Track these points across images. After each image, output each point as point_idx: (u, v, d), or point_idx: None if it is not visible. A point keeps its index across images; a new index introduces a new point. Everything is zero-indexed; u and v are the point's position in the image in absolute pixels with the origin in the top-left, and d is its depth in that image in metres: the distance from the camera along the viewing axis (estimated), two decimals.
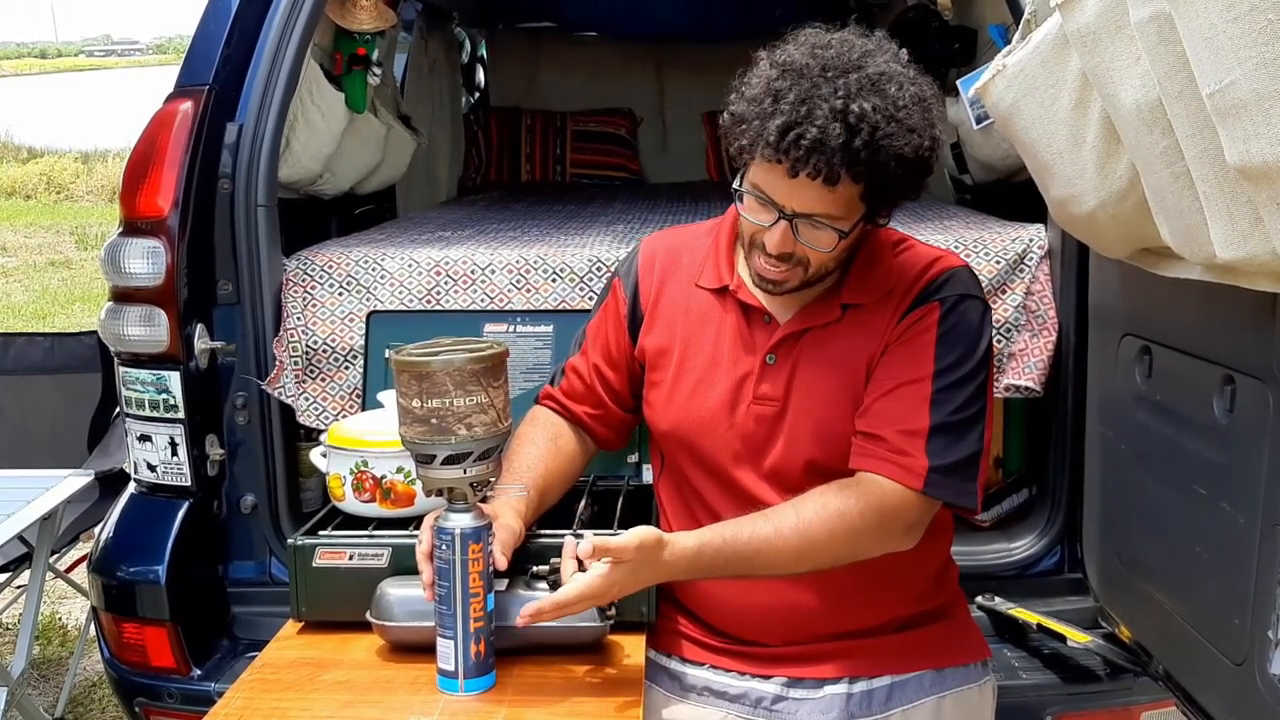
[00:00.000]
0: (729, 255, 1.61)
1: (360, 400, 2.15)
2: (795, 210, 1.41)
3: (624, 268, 1.72)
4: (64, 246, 10.84)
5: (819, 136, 1.33)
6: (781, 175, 1.38)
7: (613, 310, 1.69)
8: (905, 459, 1.44)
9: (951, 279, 1.52)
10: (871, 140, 1.34)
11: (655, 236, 1.75)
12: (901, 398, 1.47)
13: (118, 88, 36.90)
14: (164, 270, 2.00)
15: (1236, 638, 1.39)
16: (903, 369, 1.48)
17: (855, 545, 1.46)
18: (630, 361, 1.68)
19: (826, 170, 1.35)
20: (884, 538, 1.47)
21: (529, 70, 4.75)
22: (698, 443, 1.59)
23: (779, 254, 1.44)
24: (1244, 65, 0.98)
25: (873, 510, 1.44)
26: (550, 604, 1.36)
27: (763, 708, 1.58)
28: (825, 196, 1.39)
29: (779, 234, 1.42)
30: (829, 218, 1.41)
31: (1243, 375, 1.37)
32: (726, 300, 1.60)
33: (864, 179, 1.37)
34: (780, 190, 1.41)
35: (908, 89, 1.39)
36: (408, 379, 1.36)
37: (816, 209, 1.40)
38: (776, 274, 1.47)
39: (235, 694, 1.42)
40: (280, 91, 2.13)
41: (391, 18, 2.91)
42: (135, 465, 2.11)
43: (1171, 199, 1.24)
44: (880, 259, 1.56)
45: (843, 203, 1.40)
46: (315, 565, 1.58)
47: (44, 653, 3.33)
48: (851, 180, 1.37)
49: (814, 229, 1.42)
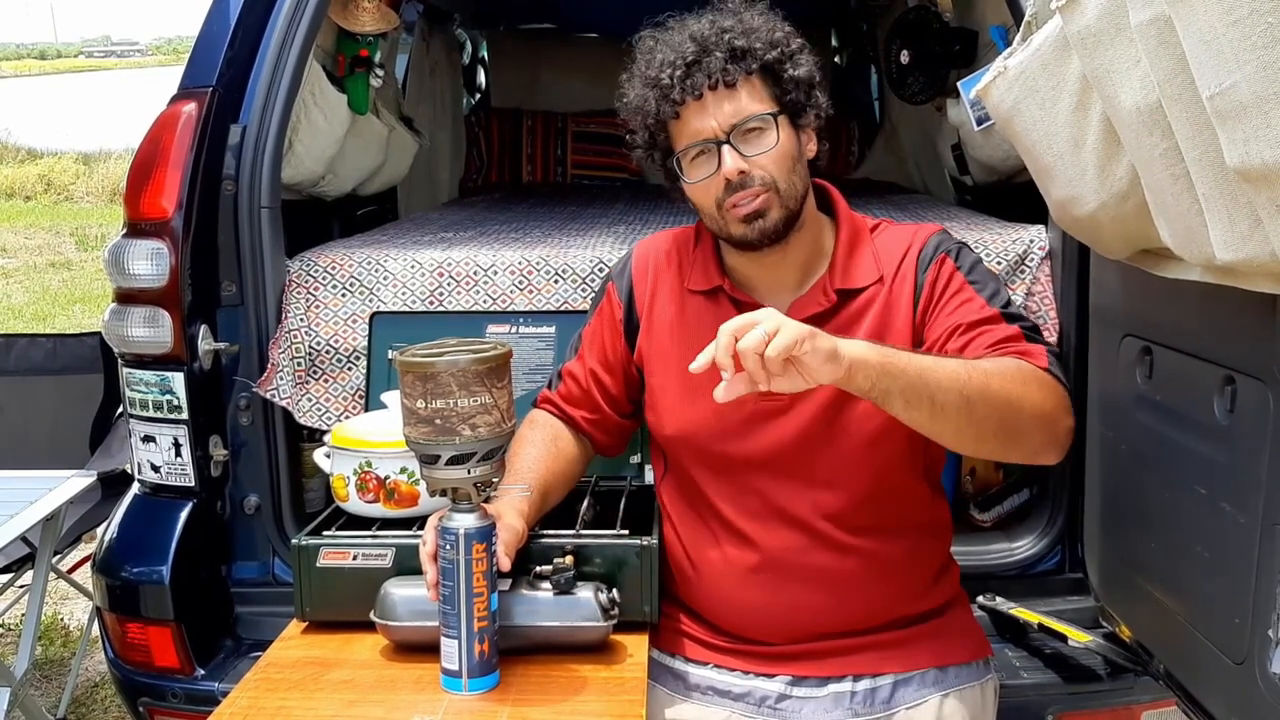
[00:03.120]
0: (715, 257, 1.64)
1: (363, 401, 2.15)
2: (723, 129, 1.50)
3: (617, 272, 1.73)
4: (64, 248, 10.85)
5: (696, 55, 1.50)
6: (694, 111, 1.51)
7: (608, 315, 1.70)
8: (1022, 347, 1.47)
9: (940, 239, 1.61)
10: (736, 35, 1.50)
11: (648, 240, 1.76)
12: (978, 327, 1.50)
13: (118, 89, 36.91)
14: (168, 271, 2.01)
15: (1237, 637, 1.39)
16: (963, 313, 1.52)
17: (1028, 401, 1.39)
18: (627, 365, 1.68)
19: (720, 73, 1.49)
20: (1053, 407, 1.42)
21: (530, 71, 4.74)
22: (705, 445, 1.59)
23: (740, 175, 1.50)
24: (1244, 68, 0.98)
25: (1030, 374, 1.42)
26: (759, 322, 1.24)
27: (766, 706, 1.58)
28: (734, 99, 1.50)
29: (728, 157, 1.50)
30: (751, 115, 1.50)
31: (1243, 376, 1.38)
32: (720, 300, 1.62)
33: (753, 69, 1.50)
34: (703, 125, 1.51)
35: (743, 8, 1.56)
36: (412, 380, 1.37)
37: (737, 115, 1.50)
38: (754, 204, 1.51)
39: (240, 693, 1.42)
40: (283, 93, 2.13)
41: (394, 19, 2.91)
42: (139, 466, 2.12)
43: (1171, 201, 1.24)
44: (861, 243, 1.61)
45: (754, 96, 1.51)
46: (319, 565, 1.59)
47: (46, 653, 3.33)
48: (744, 73, 1.50)
49: (749, 138, 1.51)
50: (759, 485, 1.57)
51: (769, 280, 1.61)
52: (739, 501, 1.58)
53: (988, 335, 1.49)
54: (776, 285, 1.60)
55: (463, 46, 4.68)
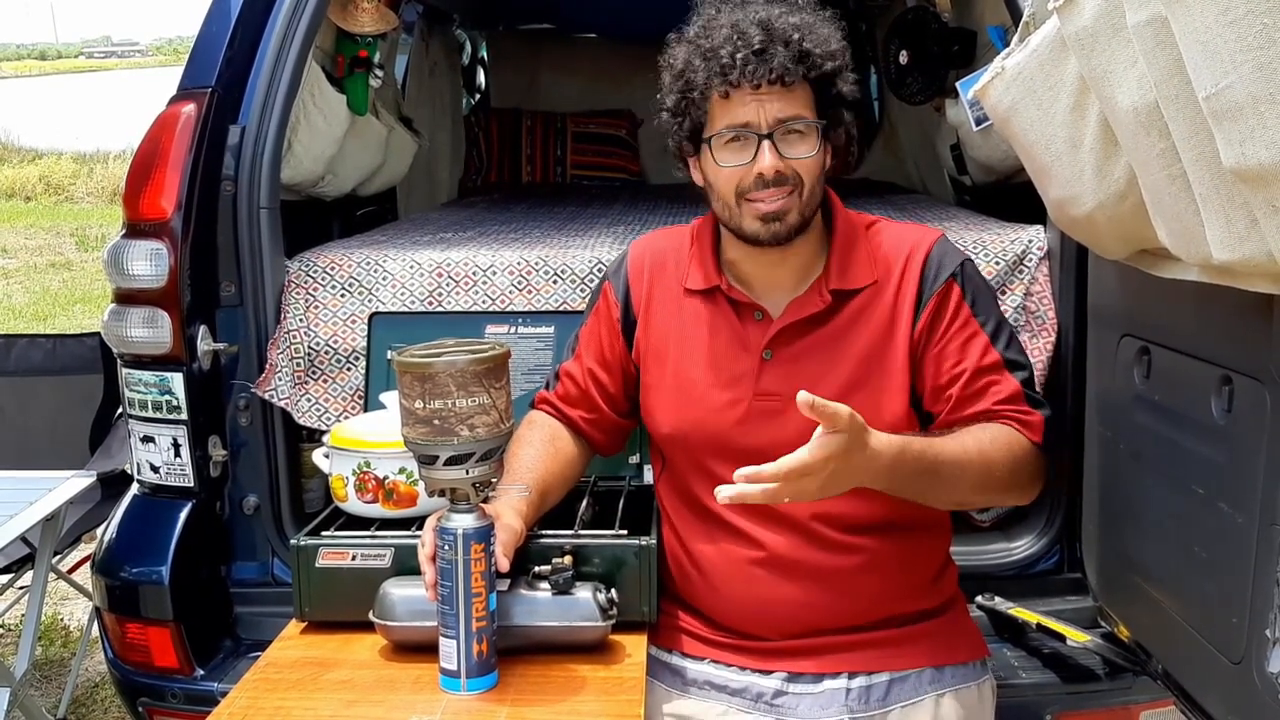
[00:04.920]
0: (713, 256, 1.64)
1: (362, 401, 2.15)
2: (770, 124, 1.49)
3: (613, 271, 1.73)
4: (64, 248, 10.85)
5: (761, 46, 1.47)
6: (745, 97, 1.49)
7: (605, 314, 1.70)
8: (1024, 416, 1.55)
9: (943, 253, 1.60)
10: (801, 36, 1.49)
11: (643, 240, 1.76)
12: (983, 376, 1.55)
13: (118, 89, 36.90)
14: (167, 272, 2.01)
15: (1235, 636, 1.39)
16: (967, 354, 1.56)
17: (1015, 477, 1.53)
18: (625, 364, 1.69)
19: (781, 70, 1.47)
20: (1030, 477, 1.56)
21: (529, 72, 4.75)
22: (700, 444, 1.60)
23: (775, 175, 1.50)
24: (1240, 69, 0.98)
25: (1020, 448, 1.53)
26: (770, 473, 1.29)
27: (764, 702, 1.59)
28: (787, 98, 1.50)
29: (768, 154, 1.50)
30: (800, 118, 1.51)
31: (1240, 376, 1.38)
32: (717, 300, 1.62)
33: (809, 75, 1.50)
34: (749, 112, 1.50)
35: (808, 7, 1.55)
36: (410, 380, 1.37)
37: (787, 112, 1.50)
38: (777, 204, 1.51)
39: (239, 694, 1.42)
40: (282, 94, 2.14)
41: (393, 20, 2.92)
42: (138, 466, 2.12)
43: (1168, 201, 1.24)
44: (857, 242, 1.61)
45: (803, 101, 1.51)
46: (318, 565, 1.59)
47: (46, 654, 3.33)
48: (801, 77, 1.50)
49: (791, 139, 1.51)
50: None
51: (766, 279, 1.61)
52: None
53: (993, 391, 1.55)
54: (774, 284, 1.61)
55: (462, 47, 4.68)
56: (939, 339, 1.56)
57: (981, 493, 1.55)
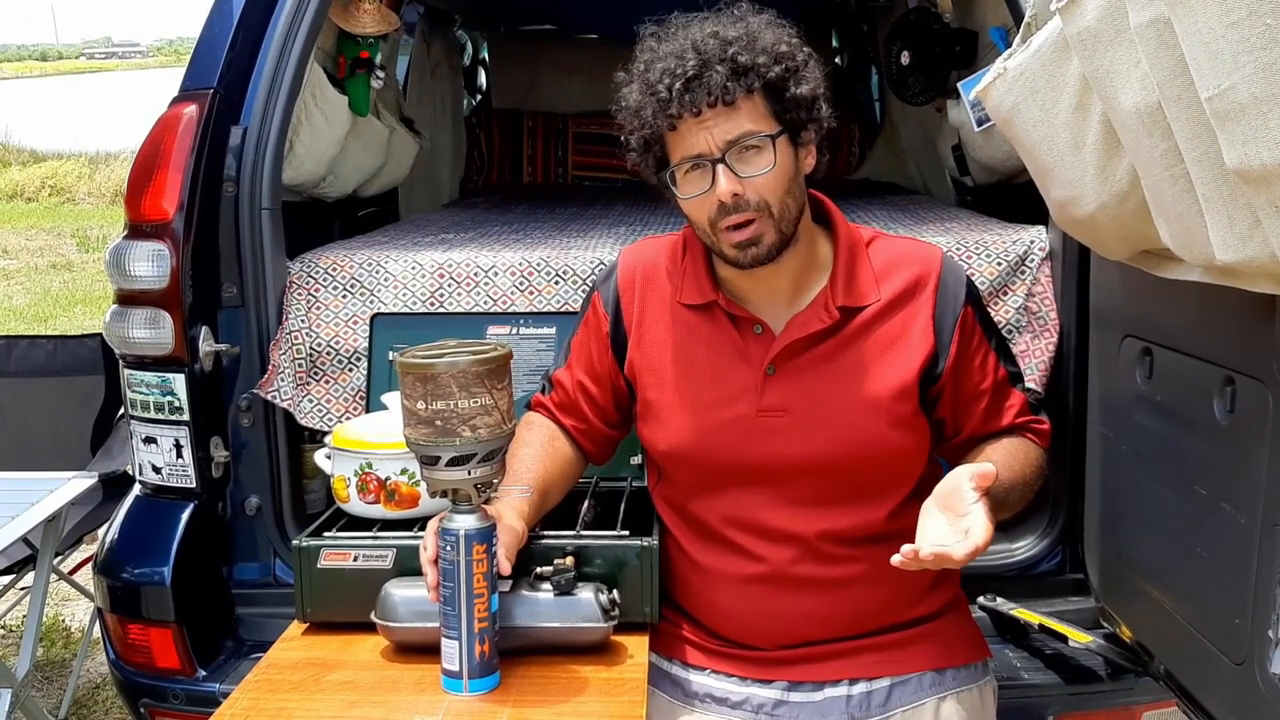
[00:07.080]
0: (706, 271, 1.61)
1: (364, 402, 2.15)
2: (719, 148, 1.46)
3: (602, 281, 1.70)
4: (65, 249, 10.85)
5: (695, 72, 1.43)
6: (691, 127, 1.46)
7: (594, 326, 1.68)
8: (1038, 426, 1.65)
9: (953, 276, 1.60)
10: (740, 50, 1.44)
11: (633, 249, 1.72)
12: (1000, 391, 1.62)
13: (119, 90, 36.93)
14: (169, 273, 2.01)
15: (1237, 637, 1.39)
16: (986, 373, 1.61)
17: (1037, 484, 1.62)
18: (615, 378, 1.67)
19: (719, 91, 1.43)
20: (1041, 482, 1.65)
21: (531, 73, 4.75)
22: (702, 461, 1.58)
23: (734, 198, 1.46)
24: (1242, 69, 0.98)
25: (1038, 457, 1.63)
26: (964, 553, 1.35)
27: (764, 713, 1.58)
28: (733, 117, 1.45)
29: (723, 178, 1.46)
30: (749, 134, 1.46)
31: (1243, 376, 1.38)
32: (715, 314, 1.59)
33: (754, 86, 1.45)
34: (699, 141, 1.46)
35: (751, 14, 1.51)
36: (412, 381, 1.37)
37: (735, 132, 1.46)
38: (750, 230, 1.48)
39: (241, 694, 1.42)
40: (284, 95, 2.14)
41: (394, 21, 2.92)
42: (140, 467, 2.12)
43: (1171, 201, 1.24)
44: (860, 258, 1.59)
45: (751, 115, 1.46)
46: (320, 566, 1.59)
47: (48, 654, 3.33)
48: (745, 92, 1.45)
49: (746, 157, 1.47)
50: (755, 501, 1.56)
51: (763, 293, 1.58)
52: (734, 516, 1.57)
53: (1010, 408, 1.63)
54: (771, 299, 1.58)
55: (463, 48, 4.69)
56: (965, 363, 1.59)
57: (1021, 506, 1.62)
